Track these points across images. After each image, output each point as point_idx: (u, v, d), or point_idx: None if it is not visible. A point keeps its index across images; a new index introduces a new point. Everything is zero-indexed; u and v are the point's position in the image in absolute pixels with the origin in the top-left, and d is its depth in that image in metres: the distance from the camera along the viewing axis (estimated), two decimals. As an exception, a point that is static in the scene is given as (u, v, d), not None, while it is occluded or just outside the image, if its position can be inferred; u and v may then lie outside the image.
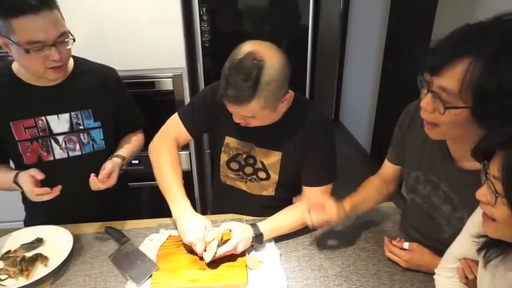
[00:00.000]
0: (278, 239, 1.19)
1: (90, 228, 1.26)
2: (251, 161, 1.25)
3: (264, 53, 1.00)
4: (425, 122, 0.89)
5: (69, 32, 1.12)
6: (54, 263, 1.07)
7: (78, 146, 1.27)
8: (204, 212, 1.71)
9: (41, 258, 1.09)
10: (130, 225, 1.27)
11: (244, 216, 1.31)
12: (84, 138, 1.28)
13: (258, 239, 1.11)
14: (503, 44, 0.72)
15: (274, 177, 1.25)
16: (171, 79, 1.95)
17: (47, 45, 1.07)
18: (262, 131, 1.17)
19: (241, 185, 1.32)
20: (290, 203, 1.30)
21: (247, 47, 1.02)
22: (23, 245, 1.14)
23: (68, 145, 1.26)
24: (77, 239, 1.19)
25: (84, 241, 1.20)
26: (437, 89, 0.80)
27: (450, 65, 0.77)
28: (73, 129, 1.26)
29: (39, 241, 1.16)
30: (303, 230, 1.24)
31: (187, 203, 1.17)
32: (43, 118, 1.21)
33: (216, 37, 1.93)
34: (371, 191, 1.21)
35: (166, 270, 1.06)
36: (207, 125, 1.28)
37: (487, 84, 0.72)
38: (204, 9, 1.87)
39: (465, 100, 0.77)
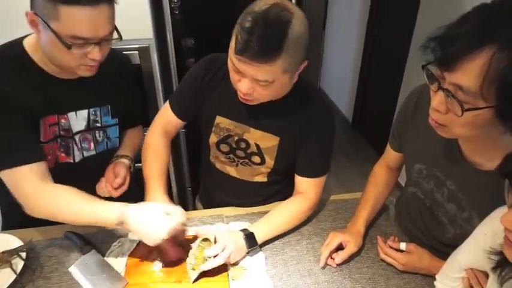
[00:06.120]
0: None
1: (46, 234, 1.09)
2: (243, 145, 1.12)
3: (290, 6, 0.87)
4: (434, 122, 0.76)
5: (116, 28, 0.92)
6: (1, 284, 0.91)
7: (92, 145, 1.11)
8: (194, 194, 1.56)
9: None
10: (93, 228, 1.12)
11: (224, 212, 1.19)
12: (99, 136, 1.12)
13: (251, 243, 1.01)
14: None
15: (270, 162, 1.13)
16: (137, 52, 1.72)
17: (90, 43, 0.87)
18: (258, 113, 1.05)
19: (231, 170, 1.19)
20: (280, 191, 1.22)
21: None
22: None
23: (82, 145, 1.09)
24: (31, 248, 1.03)
25: (40, 250, 1.04)
26: (451, 86, 0.67)
27: (467, 58, 0.63)
28: (89, 127, 1.08)
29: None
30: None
31: (157, 192, 1.04)
32: (66, 116, 1.02)
33: (186, 2, 1.70)
34: (380, 191, 1.13)
35: (137, 286, 0.93)
36: (197, 104, 1.13)
37: None
38: (171, -30, 1.63)
39: (487, 99, 0.63)
